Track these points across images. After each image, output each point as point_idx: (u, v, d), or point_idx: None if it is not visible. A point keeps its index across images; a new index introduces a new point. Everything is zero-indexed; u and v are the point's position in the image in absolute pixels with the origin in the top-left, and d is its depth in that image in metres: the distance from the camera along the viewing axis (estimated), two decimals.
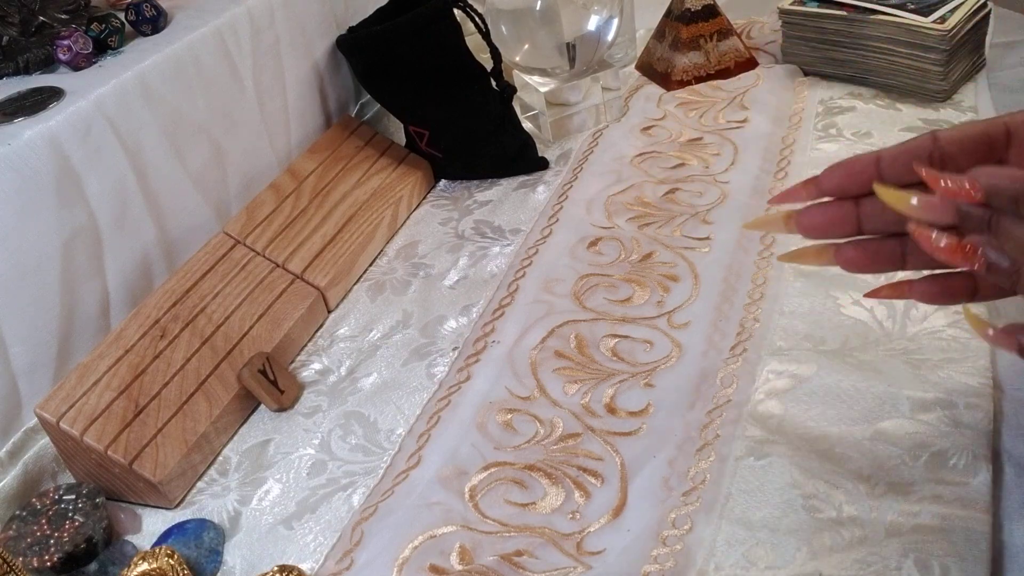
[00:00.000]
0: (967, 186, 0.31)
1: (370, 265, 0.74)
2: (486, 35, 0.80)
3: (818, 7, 0.84)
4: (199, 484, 0.56)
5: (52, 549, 0.49)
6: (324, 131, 0.83)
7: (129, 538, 0.53)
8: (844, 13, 0.81)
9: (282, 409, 0.60)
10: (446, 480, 0.52)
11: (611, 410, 0.54)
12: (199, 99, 0.69)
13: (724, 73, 0.92)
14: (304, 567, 0.48)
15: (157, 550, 0.48)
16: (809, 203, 0.38)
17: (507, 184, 0.82)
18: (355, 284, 0.72)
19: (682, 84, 0.91)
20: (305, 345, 0.67)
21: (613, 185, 0.77)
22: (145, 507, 0.55)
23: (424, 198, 0.83)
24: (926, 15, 0.76)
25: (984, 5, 0.79)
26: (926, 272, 0.38)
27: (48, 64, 0.68)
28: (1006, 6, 0.89)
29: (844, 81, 0.85)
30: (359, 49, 0.81)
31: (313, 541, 0.50)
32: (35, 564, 0.48)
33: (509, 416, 0.55)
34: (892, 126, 0.77)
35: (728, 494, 0.47)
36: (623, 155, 0.82)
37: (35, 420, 0.55)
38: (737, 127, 0.82)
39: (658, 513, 0.47)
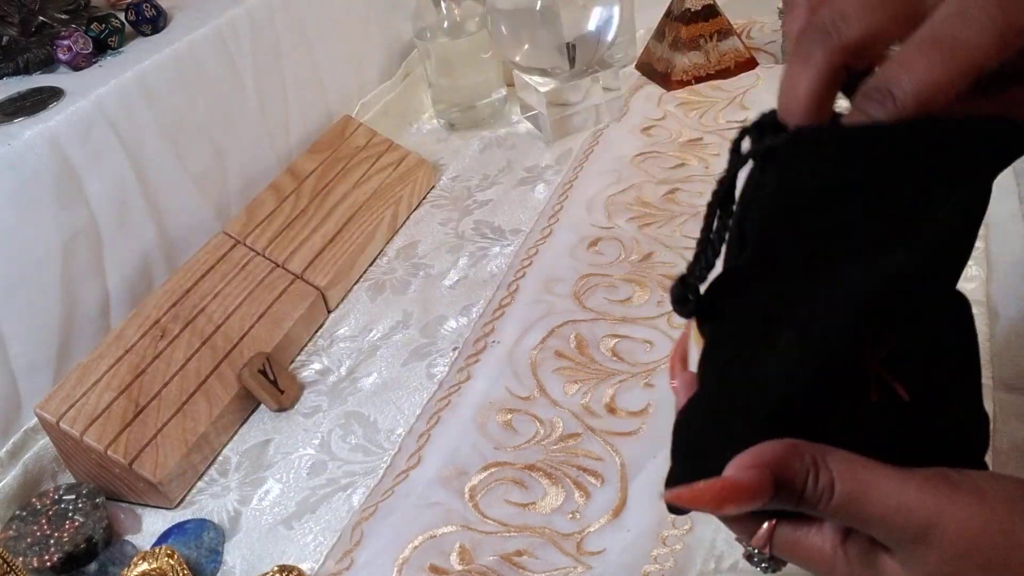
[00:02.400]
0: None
1: (370, 265, 0.74)
2: None
3: None
4: (199, 484, 0.56)
5: (52, 549, 0.49)
6: (324, 131, 0.83)
7: (129, 538, 0.53)
8: None
9: (282, 409, 0.60)
10: (446, 480, 0.52)
11: (611, 410, 0.54)
12: (199, 99, 0.69)
13: (724, 73, 0.91)
14: (304, 567, 0.48)
15: (157, 550, 0.48)
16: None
17: (507, 184, 0.82)
18: (355, 284, 0.72)
19: (682, 84, 0.91)
20: (305, 345, 0.67)
21: (613, 185, 0.77)
22: (145, 507, 0.55)
23: (424, 198, 0.83)
24: None
25: None
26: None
27: (48, 64, 0.68)
28: None
29: None
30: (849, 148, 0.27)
31: (313, 541, 0.50)
32: (35, 564, 0.48)
33: (509, 416, 0.55)
34: None
35: None
36: (623, 155, 0.82)
37: (35, 420, 0.55)
38: (737, 127, 0.82)
39: (658, 513, 0.47)
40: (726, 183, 0.29)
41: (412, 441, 0.55)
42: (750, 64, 0.92)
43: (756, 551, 0.29)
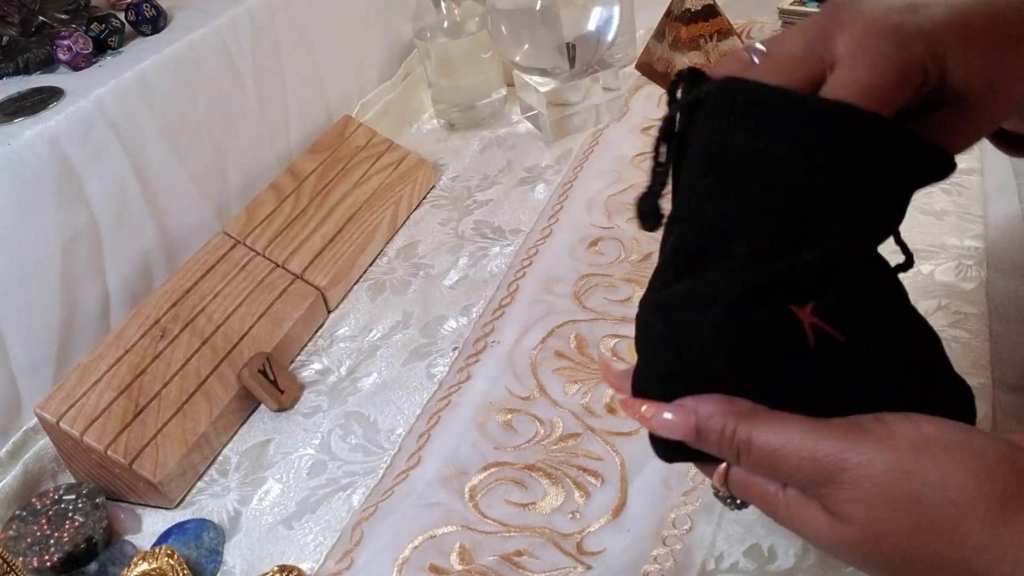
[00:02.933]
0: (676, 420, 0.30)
1: (370, 265, 0.74)
2: None
3: (818, 7, 0.84)
4: (199, 484, 0.56)
5: (52, 549, 0.49)
6: (324, 131, 0.83)
7: (129, 538, 0.53)
8: None
9: (282, 409, 0.60)
10: (446, 480, 0.52)
11: (611, 410, 0.54)
12: (199, 99, 0.69)
13: None
14: (304, 567, 0.48)
15: (157, 550, 0.48)
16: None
17: (507, 184, 0.82)
18: (355, 284, 0.72)
19: None
20: (305, 345, 0.67)
21: (613, 185, 0.77)
22: (145, 507, 0.55)
23: (424, 198, 0.83)
24: None
25: None
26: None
27: (48, 64, 0.68)
28: None
29: None
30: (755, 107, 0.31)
31: (313, 541, 0.50)
32: (35, 564, 0.48)
33: (509, 416, 0.55)
34: None
35: None
36: (623, 155, 0.82)
37: (35, 420, 0.55)
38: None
39: (658, 513, 0.47)
40: (667, 122, 0.33)
41: (412, 441, 0.55)
42: None
43: (719, 490, 0.32)
